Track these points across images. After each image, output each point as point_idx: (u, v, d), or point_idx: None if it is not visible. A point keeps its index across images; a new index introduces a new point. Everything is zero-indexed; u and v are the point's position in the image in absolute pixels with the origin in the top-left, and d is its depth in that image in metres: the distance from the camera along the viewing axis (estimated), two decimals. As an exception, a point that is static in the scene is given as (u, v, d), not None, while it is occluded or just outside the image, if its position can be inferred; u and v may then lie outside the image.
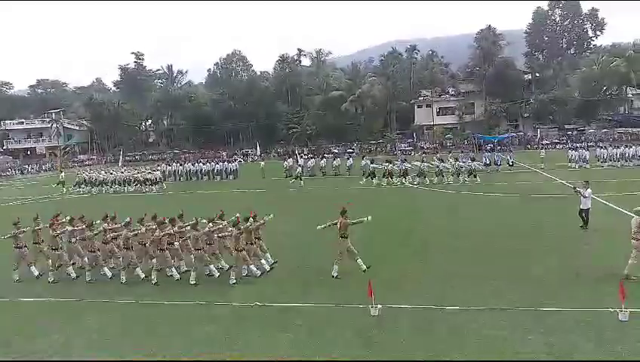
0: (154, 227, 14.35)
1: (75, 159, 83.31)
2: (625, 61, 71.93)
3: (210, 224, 14.20)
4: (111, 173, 40.28)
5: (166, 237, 13.98)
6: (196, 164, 46.19)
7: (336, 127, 79.32)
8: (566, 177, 31.68)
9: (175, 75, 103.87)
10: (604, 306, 10.40)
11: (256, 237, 14.10)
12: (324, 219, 14.07)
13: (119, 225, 14.96)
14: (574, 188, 18.53)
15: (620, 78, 72.69)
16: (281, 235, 17.70)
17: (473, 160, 34.75)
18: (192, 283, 13.56)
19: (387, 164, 34.47)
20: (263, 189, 35.05)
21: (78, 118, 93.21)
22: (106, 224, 15.17)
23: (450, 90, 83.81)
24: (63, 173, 43.30)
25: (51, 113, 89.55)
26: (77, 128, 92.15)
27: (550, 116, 75.66)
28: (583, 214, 17.74)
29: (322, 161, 44.65)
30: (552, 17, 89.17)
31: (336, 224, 13.46)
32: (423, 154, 52.81)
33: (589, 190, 17.65)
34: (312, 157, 49.62)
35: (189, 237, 14.25)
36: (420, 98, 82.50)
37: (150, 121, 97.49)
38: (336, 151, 70.19)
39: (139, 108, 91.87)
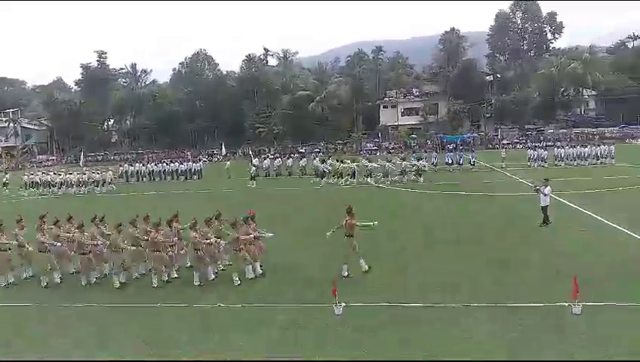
0: (148, 228, 14.11)
1: (34, 159, 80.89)
2: (582, 63, 74.46)
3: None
4: (59, 175, 39.33)
5: (162, 239, 13.67)
6: (159, 164, 45.54)
7: (303, 126, 79.40)
8: (525, 176, 32.64)
9: (139, 74, 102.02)
10: (559, 301, 10.80)
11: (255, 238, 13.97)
12: (292, 219, 14.15)
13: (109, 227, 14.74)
14: (535, 186, 19.12)
15: (577, 79, 75.21)
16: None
17: (419, 159, 35.44)
18: (197, 283, 13.37)
19: (337, 163, 34.93)
20: (229, 189, 34.83)
21: (37, 117, 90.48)
22: (95, 227, 14.67)
23: (414, 91, 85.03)
24: (8, 175, 42.27)
25: (8, 112, 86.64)
26: (36, 128, 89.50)
27: (511, 116, 77.63)
28: (543, 211, 18.32)
29: (289, 161, 44.69)
30: (514, 20, 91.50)
31: (342, 226, 13.47)
32: (368, 155, 53.30)
33: (549, 188, 18.24)
34: (278, 157, 49.56)
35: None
36: (385, 99, 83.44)
37: (113, 120, 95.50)
38: (302, 151, 70.28)
39: (101, 107, 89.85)
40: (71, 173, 39.62)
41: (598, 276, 12.36)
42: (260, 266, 13.94)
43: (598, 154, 39.62)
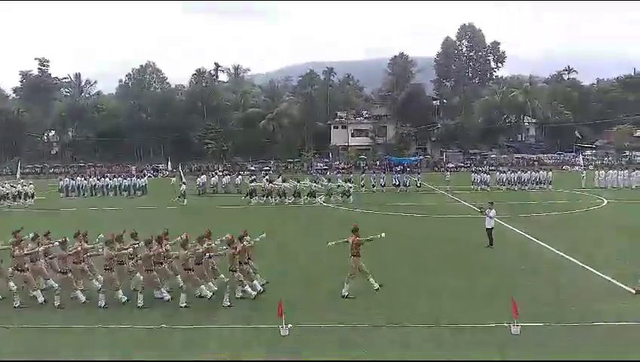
0: (136, 245, 13.51)
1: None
2: (523, 92, 78.25)
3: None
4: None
5: (153, 257, 12.98)
6: (102, 179, 43.95)
7: (254, 144, 79.02)
8: (469, 199, 33.62)
9: (83, 84, 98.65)
10: (498, 321, 11.03)
11: (248, 258, 13.48)
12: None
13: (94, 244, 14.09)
14: (481, 208, 19.63)
15: (518, 107, 78.91)
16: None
17: (347, 181, 35.91)
18: (182, 305, 12.58)
19: (267, 183, 35.11)
20: (173, 206, 33.93)
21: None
22: (78, 242, 13.68)
23: (364, 113, 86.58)
24: None
25: None
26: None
27: (456, 141, 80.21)
28: (488, 233, 18.79)
29: (237, 179, 44.25)
30: (460, 48, 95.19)
31: (347, 242, 13.25)
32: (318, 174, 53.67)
33: (494, 211, 18.79)
34: (227, 174, 48.91)
35: (177, 256, 13.25)
36: (336, 119, 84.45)
37: (54, 131, 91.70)
38: (252, 168, 69.75)
39: (41, 117, 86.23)
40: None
41: (538, 297, 12.76)
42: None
43: (538, 179, 41.39)
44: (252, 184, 35.61)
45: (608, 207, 29.97)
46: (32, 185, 38.94)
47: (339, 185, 34.97)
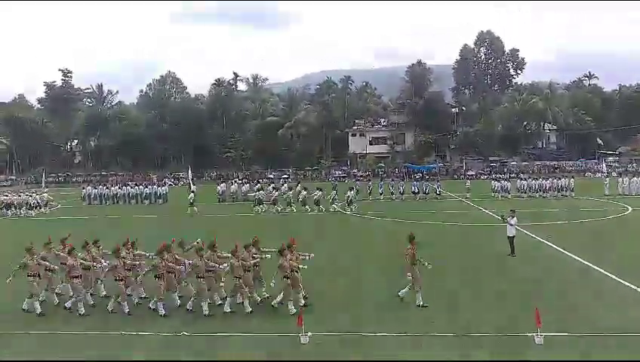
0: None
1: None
2: (542, 99, 77.40)
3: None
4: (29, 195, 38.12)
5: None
6: (124, 187, 44.58)
7: (272, 152, 79.46)
8: (489, 206, 33.26)
9: (105, 94, 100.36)
10: (522, 331, 10.88)
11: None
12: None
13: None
14: (503, 216, 19.42)
15: (538, 114, 78.07)
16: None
17: (351, 189, 35.17)
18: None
19: (272, 190, 35.22)
20: (192, 215, 34.19)
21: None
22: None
23: (382, 121, 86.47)
24: None
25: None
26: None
27: (475, 148, 79.59)
28: (510, 241, 18.57)
29: (257, 186, 44.36)
30: (478, 55, 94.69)
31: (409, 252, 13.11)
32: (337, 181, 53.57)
33: (515, 219, 18.58)
34: (247, 182, 49.22)
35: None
36: (354, 127, 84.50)
37: (76, 141, 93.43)
38: (271, 176, 70.07)
39: (65, 127, 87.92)
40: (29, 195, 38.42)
41: (561, 307, 12.56)
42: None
43: (559, 186, 40.78)
44: (258, 193, 35.54)
45: (633, 215, 29.39)
46: (45, 195, 39.43)
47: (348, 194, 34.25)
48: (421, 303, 12.85)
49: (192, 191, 36.92)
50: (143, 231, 21.51)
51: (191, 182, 41.93)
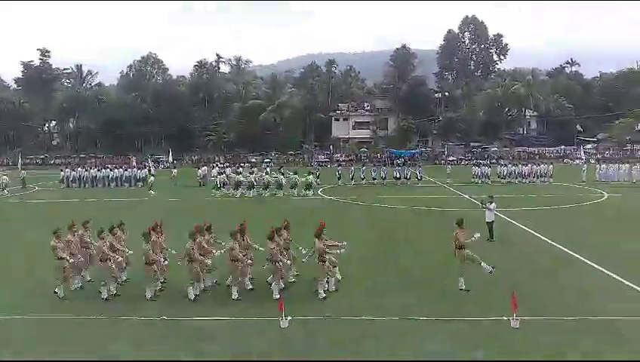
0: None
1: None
2: (525, 85, 78.02)
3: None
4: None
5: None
6: (103, 170, 43.99)
7: (254, 136, 78.97)
8: (469, 192, 33.58)
9: (85, 75, 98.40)
10: (498, 314, 11.06)
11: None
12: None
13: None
14: (481, 202, 19.62)
15: (520, 100, 78.75)
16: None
17: (310, 174, 35.59)
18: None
19: (235, 175, 35.41)
20: (175, 199, 33.93)
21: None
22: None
23: (365, 106, 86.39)
24: None
25: None
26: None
27: (457, 133, 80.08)
28: (488, 226, 18.80)
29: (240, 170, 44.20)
30: (462, 40, 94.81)
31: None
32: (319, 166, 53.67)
33: (494, 204, 18.78)
34: (228, 166, 48.89)
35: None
36: (337, 111, 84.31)
37: (55, 122, 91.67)
38: (253, 160, 69.76)
39: (42, 108, 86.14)
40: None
41: (538, 291, 12.79)
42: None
43: (539, 172, 41.32)
44: (221, 176, 35.79)
45: (609, 201, 29.94)
46: (5, 177, 38.63)
47: (305, 177, 34.44)
48: (463, 287, 13.02)
49: (152, 175, 37.62)
50: (128, 214, 21.24)
51: (151, 166, 41.72)
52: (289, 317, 10.89)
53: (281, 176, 34.96)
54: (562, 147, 75.62)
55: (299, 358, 9.51)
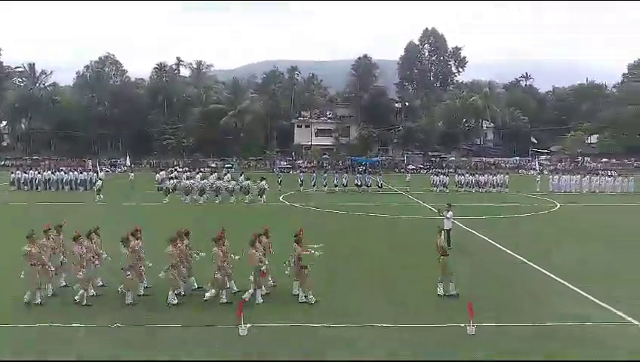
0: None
1: None
2: (482, 97, 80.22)
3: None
4: None
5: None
6: (57, 173, 42.47)
7: (215, 140, 78.01)
8: (427, 200, 34.14)
9: (38, 74, 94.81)
10: (455, 321, 11.20)
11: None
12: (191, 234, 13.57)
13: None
14: (439, 210, 19.93)
15: (477, 112, 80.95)
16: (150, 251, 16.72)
17: (262, 179, 34.98)
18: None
19: (188, 181, 35.09)
20: (131, 203, 33.07)
21: None
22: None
23: (328, 113, 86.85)
24: None
25: None
26: None
27: (417, 143, 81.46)
28: (446, 235, 19.08)
29: (198, 176, 43.50)
30: (422, 52, 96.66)
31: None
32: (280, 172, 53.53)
33: (451, 212, 19.10)
34: (187, 171, 48.01)
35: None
36: (299, 118, 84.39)
37: (5, 122, 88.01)
38: (214, 165, 68.83)
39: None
40: None
41: (493, 298, 13.04)
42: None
43: (495, 182, 42.42)
44: (169, 182, 35.33)
45: (561, 211, 30.99)
46: None
47: (256, 184, 34.05)
48: (441, 293, 13.16)
49: (100, 179, 36.91)
50: (79, 218, 20.55)
51: (98, 169, 40.67)
52: (248, 325, 10.72)
53: (234, 182, 34.43)
54: (517, 158, 78.01)
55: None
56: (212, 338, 10.56)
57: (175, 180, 36.02)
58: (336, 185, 41.33)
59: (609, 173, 46.23)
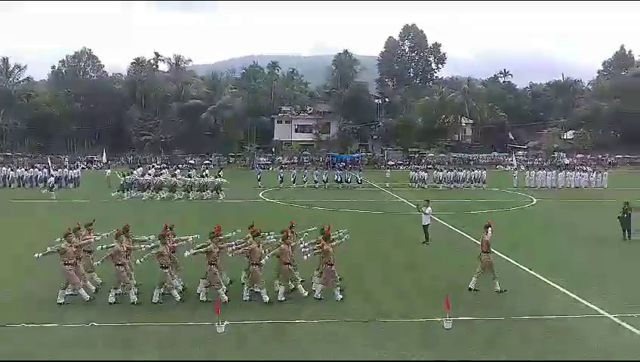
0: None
1: None
2: (461, 93, 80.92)
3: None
4: None
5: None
6: (30, 170, 41.65)
7: (194, 136, 77.25)
8: (406, 196, 34.36)
9: (11, 69, 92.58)
10: (431, 316, 11.31)
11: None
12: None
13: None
14: (418, 206, 20.07)
15: (456, 108, 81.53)
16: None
17: (218, 176, 35.12)
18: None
19: (154, 178, 34.68)
20: (106, 200, 32.55)
21: None
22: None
23: (308, 109, 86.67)
24: None
25: None
26: None
27: (396, 139, 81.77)
28: (424, 229, 19.24)
29: (177, 172, 43.11)
30: (402, 47, 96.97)
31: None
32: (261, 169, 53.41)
33: (430, 208, 19.25)
34: (165, 168, 47.58)
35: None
36: (280, 114, 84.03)
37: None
38: (192, 162, 68.23)
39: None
40: None
41: (470, 292, 13.19)
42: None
43: (473, 178, 42.85)
44: (128, 177, 34.76)
45: (537, 206, 31.46)
46: None
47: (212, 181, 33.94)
48: (473, 287, 13.27)
49: (52, 175, 36.58)
50: (58, 216, 20.24)
51: (50, 166, 40.08)
52: (226, 322, 10.66)
53: (190, 179, 34.28)
54: (495, 154, 78.91)
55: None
56: (189, 336, 10.50)
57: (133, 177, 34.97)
58: (316, 182, 41.32)
59: (584, 169, 47.12)
